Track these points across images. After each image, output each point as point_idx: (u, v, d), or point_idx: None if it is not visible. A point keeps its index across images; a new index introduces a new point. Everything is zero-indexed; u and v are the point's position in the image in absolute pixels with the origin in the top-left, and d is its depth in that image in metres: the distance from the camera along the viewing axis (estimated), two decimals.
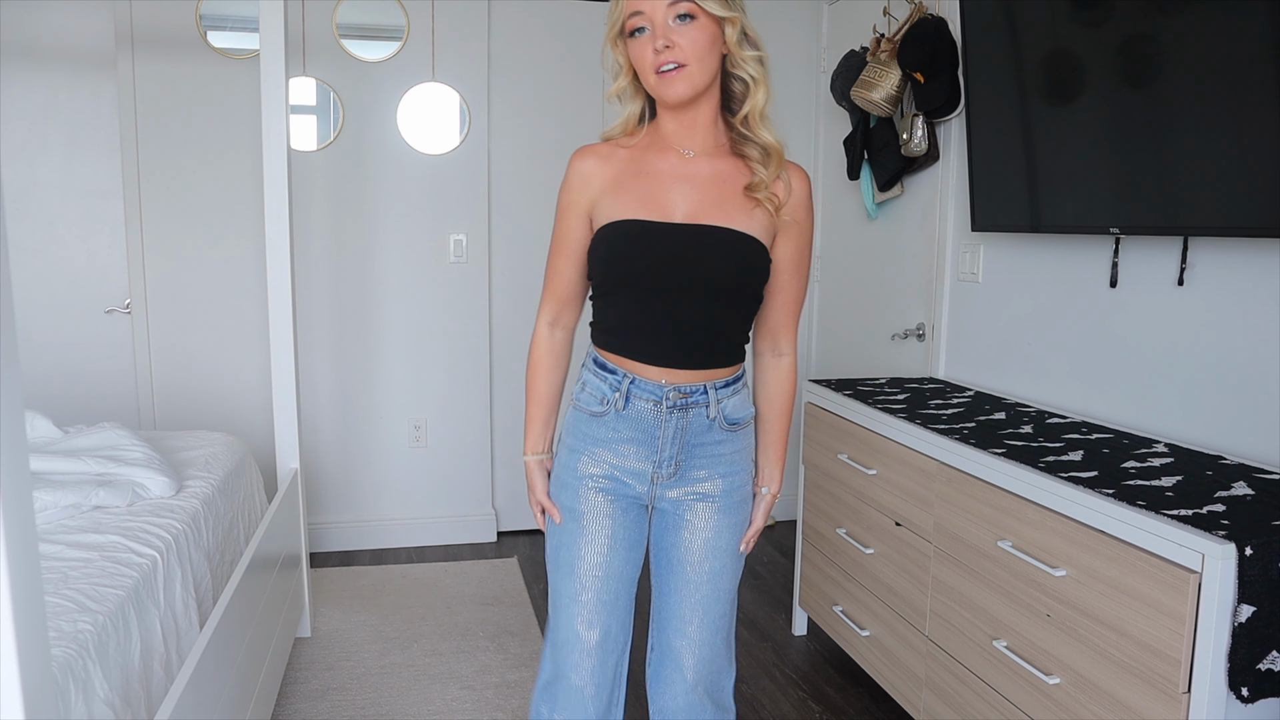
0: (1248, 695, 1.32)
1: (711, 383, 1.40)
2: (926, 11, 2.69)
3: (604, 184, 1.39)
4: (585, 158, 1.41)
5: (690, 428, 1.40)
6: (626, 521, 1.45)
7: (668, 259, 1.33)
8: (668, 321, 1.36)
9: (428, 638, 2.72)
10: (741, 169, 1.39)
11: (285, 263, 2.52)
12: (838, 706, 2.38)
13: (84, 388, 3.37)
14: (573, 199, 1.41)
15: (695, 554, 1.46)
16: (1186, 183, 1.80)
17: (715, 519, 1.45)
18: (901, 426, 2.11)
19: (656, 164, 1.38)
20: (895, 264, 3.10)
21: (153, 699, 1.53)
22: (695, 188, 1.36)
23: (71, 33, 3.23)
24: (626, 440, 1.41)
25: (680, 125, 1.38)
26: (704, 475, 1.44)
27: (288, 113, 2.50)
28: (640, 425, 1.40)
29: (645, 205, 1.35)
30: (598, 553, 1.43)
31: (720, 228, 1.34)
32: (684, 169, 1.37)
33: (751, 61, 1.35)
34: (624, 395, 1.39)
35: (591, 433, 1.43)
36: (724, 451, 1.44)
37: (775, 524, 3.84)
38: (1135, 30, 1.88)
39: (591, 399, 1.43)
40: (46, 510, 1.84)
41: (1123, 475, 1.64)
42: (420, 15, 3.32)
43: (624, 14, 1.32)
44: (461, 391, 3.55)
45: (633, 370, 1.39)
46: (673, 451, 1.41)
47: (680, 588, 1.48)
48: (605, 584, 1.44)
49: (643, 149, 1.40)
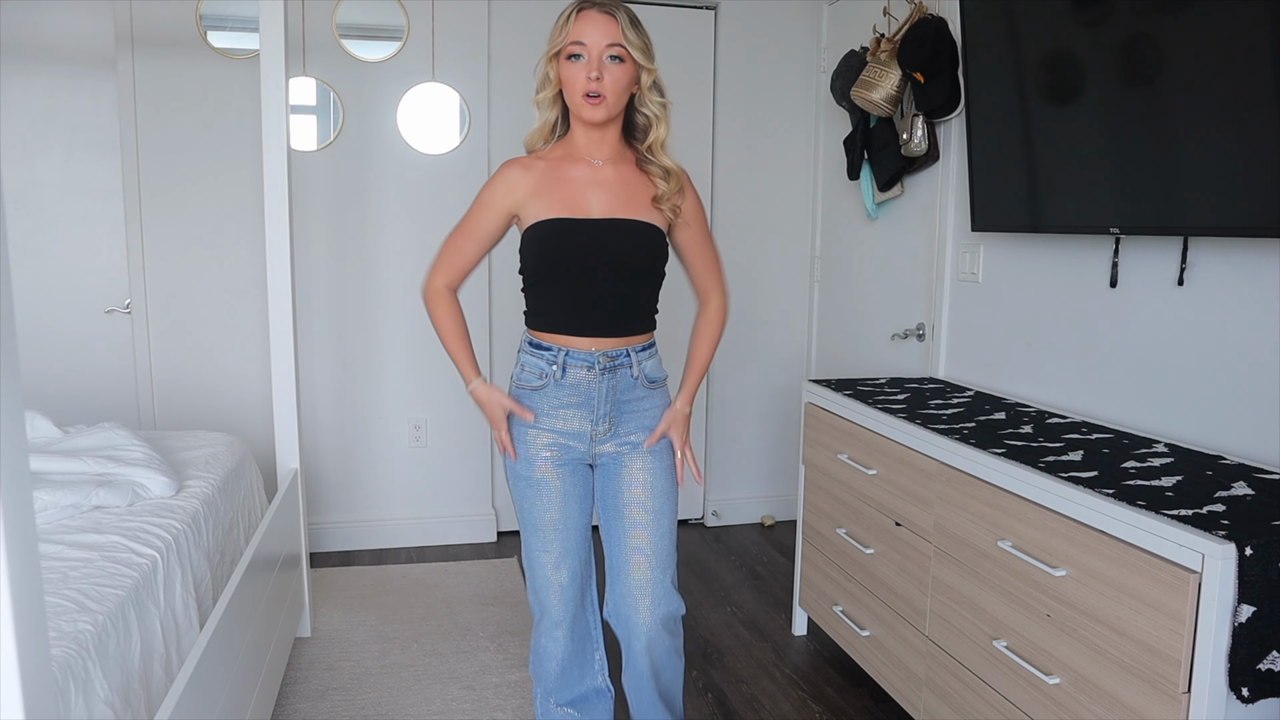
0: (1248, 695, 1.32)
1: (632, 347, 1.70)
2: (926, 11, 2.69)
3: (528, 190, 1.67)
4: (513, 168, 1.70)
5: (619, 386, 1.69)
6: (575, 480, 1.73)
7: (590, 247, 1.63)
8: (594, 298, 1.65)
9: (428, 638, 2.72)
10: (641, 177, 1.70)
11: (285, 263, 2.51)
12: (838, 706, 2.38)
13: (84, 388, 3.37)
14: (495, 198, 1.70)
15: (637, 495, 1.72)
16: (1186, 183, 1.80)
17: (649, 462, 1.73)
18: (901, 426, 2.11)
19: (571, 172, 1.68)
20: (895, 264, 3.10)
21: (153, 699, 1.53)
22: (605, 190, 1.67)
23: (71, 33, 3.23)
24: (567, 405, 1.68)
25: (591, 140, 1.68)
26: (632, 428, 1.72)
27: (288, 113, 2.50)
28: (577, 390, 1.68)
29: (567, 206, 1.65)
30: (555, 509, 1.71)
31: (630, 220, 1.66)
32: (595, 175, 1.67)
33: (655, 104, 1.66)
34: (561, 366, 1.67)
35: (533, 407, 1.70)
36: (647, 407, 1.74)
37: (775, 524, 3.85)
38: (1135, 30, 1.88)
39: (531, 376, 1.71)
40: (46, 510, 1.84)
41: (1123, 475, 1.64)
42: (420, 15, 3.32)
43: (568, 39, 1.58)
44: (461, 391, 3.54)
45: (566, 344, 1.67)
46: (606, 409, 1.69)
47: (629, 530, 1.72)
48: (566, 534, 1.73)
49: (558, 160, 1.69)
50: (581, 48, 1.58)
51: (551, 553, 1.74)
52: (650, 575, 1.72)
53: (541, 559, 1.74)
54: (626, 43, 1.58)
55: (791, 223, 3.75)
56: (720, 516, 3.84)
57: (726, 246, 3.71)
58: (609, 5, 1.59)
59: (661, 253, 1.70)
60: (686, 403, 1.77)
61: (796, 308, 3.81)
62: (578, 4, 1.60)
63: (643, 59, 1.61)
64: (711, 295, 1.83)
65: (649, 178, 1.70)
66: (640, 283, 1.69)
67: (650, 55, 1.62)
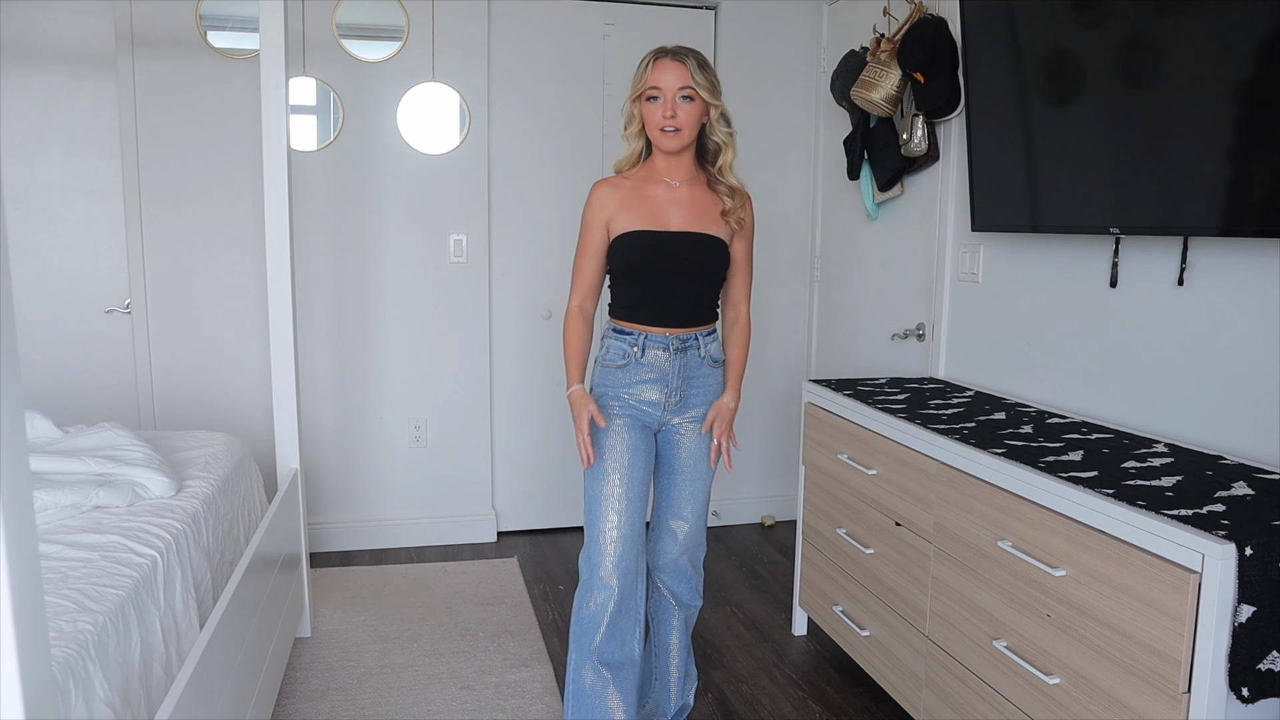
0: (1248, 695, 1.32)
1: (699, 332, 2.02)
2: (926, 11, 2.69)
3: (617, 205, 1.97)
4: (603, 187, 2.00)
5: (689, 364, 2.01)
6: (642, 438, 2.01)
7: (668, 255, 1.95)
8: (670, 294, 1.97)
9: (428, 638, 2.72)
10: (711, 195, 2.01)
11: (285, 263, 2.51)
12: (838, 706, 2.38)
13: (84, 388, 3.37)
14: (595, 216, 1.99)
15: (689, 457, 2.06)
16: (1186, 183, 1.80)
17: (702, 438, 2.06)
18: (901, 426, 2.11)
19: (653, 191, 1.98)
20: (895, 264, 3.10)
21: (153, 699, 1.53)
22: (682, 207, 1.98)
23: (71, 33, 3.23)
24: (644, 381, 1.99)
25: (669, 164, 1.98)
26: (698, 401, 2.04)
27: (288, 113, 2.50)
28: (655, 367, 1.99)
29: (650, 219, 1.96)
30: (625, 452, 1.98)
31: (701, 234, 1.97)
32: (672, 194, 1.98)
33: (723, 133, 1.96)
34: (640, 348, 1.98)
35: (616, 380, 2.00)
36: (711, 383, 2.05)
37: (775, 524, 3.85)
38: (1135, 30, 1.88)
39: (615, 356, 2.01)
40: (46, 510, 1.84)
41: (1123, 475, 1.64)
42: (420, 15, 3.32)
43: (647, 84, 1.90)
44: (461, 391, 3.55)
45: (645, 330, 1.98)
46: (678, 383, 2.00)
47: (680, 482, 2.07)
48: (629, 482, 1.97)
49: (641, 180, 1.99)
50: (658, 90, 1.89)
51: (616, 491, 1.98)
52: (691, 517, 2.08)
53: (606, 496, 1.97)
54: (695, 84, 1.88)
55: (791, 223, 3.75)
56: (720, 516, 3.84)
57: None
58: (680, 53, 1.89)
59: (726, 260, 2.01)
60: (734, 398, 2.06)
61: (796, 308, 3.81)
62: (655, 54, 1.90)
63: (710, 97, 1.90)
64: (742, 306, 2.10)
65: (717, 196, 2.00)
66: (707, 283, 2.00)
67: (717, 92, 1.92)
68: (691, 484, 2.07)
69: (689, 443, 2.06)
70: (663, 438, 2.08)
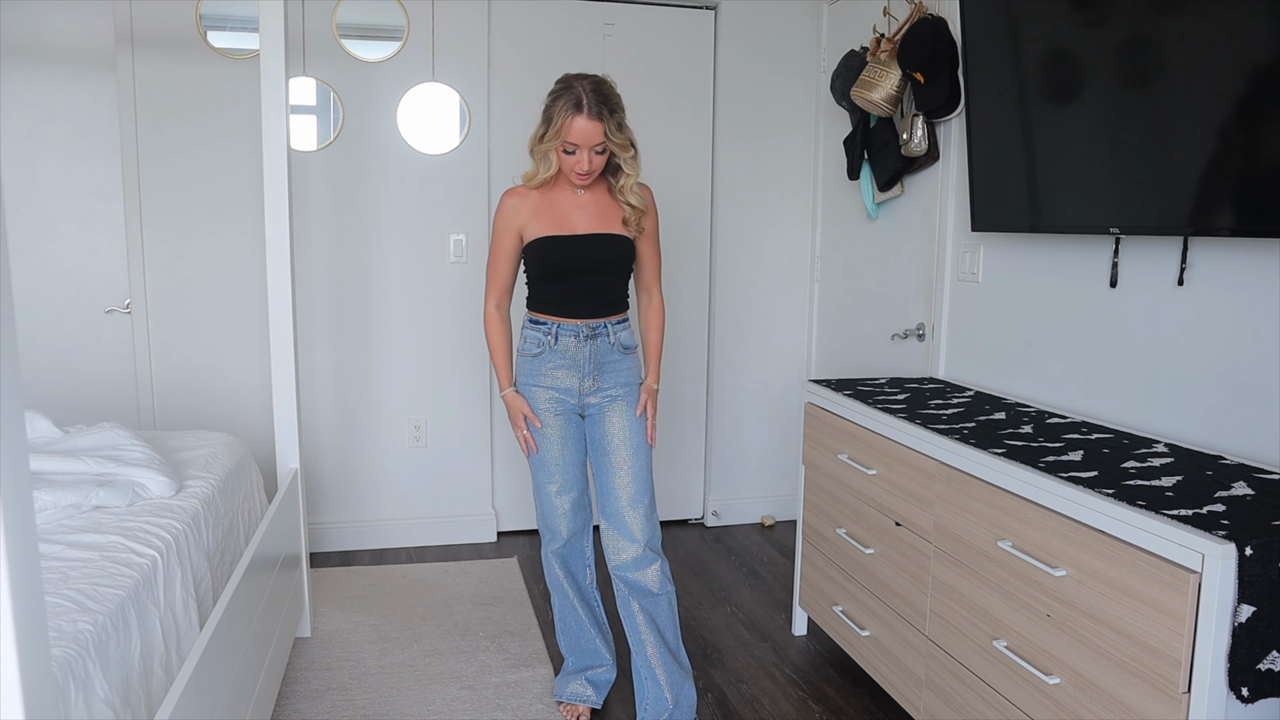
0: (1248, 695, 1.32)
1: (608, 321, 2.18)
2: (926, 11, 2.69)
3: (527, 214, 2.15)
4: (512, 197, 2.16)
5: (599, 350, 2.17)
6: (570, 424, 2.21)
7: (577, 254, 2.13)
8: (580, 290, 2.15)
9: (428, 638, 2.72)
10: (613, 200, 2.17)
11: (285, 263, 2.51)
12: (838, 706, 2.38)
13: (84, 388, 3.37)
14: (506, 225, 2.17)
15: (618, 435, 2.19)
16: (1186, 183, 1.80)
17: (625, 410, 2.20)
18: (901, 426, 2.11)
19: (559, 198, 2.16)
20: (895, 264, 3.10)
21: (153, 699, 1.53)
22: (586, 211, 2.16)
23: (71, 33, 3.23)
24: (559, 366, 2.17)
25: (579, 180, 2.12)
26: (611, 383, 2.20)
27: (288, 113, 2.50)
28: (567, 354, 2.16)
29: (559, 225, 2.14)
30: (557, 446, 2.20)
31: (607, 234, 2.15)
32: (576, 200, 2.16)
33: (628, 160, 2.11)
34: (554, 336, 2.16)
35: (534, 368, 2.19)
36: (623, 367, 2.21)
37: (774, 524, 3.85)
38: (1135, 30, 1.88)
39: (531, 345, 2.19)
40: (46, 510, 1.84)
41: (1123, 475, 1.64)
42: (420, 15, 3.32)
43: (564, 139, 2.03)
44: (461, 391, 3.55)
45: (558, 320, 2.16)
46: (591, 368, 2.17)
47: (615, 463, 2.18)
48: (565, 466, 2.21)
49: (548, 189, 2.17)
50: (574, 146, 2.03)
51: (555, 482, 2.21)
52: (633, 495, 2.17)
53: (548, 489, 2.22)
54: (609, 140, 2.03)
55: (791, 223, 3.75)
56: (720, 516, 3.83)
57: (726, 246, 3.72)
58: (596, 111, 1.99)
59: (631, 256, 2.20)
60: (655, 379, 2.25)
61: (796, 308, 3.81)
62: (573, 108, 1.99)
63: (619, 149, 2.06)
64: (654, 291, 2.30)
65: (619, 203, 2.17)
66: (614, 278, 2.18)
67: (626, 134, 2.07)
68: (625, 457, 2.18)
69: (613, 417, 2.20)
70: (590, 424, 2.23)
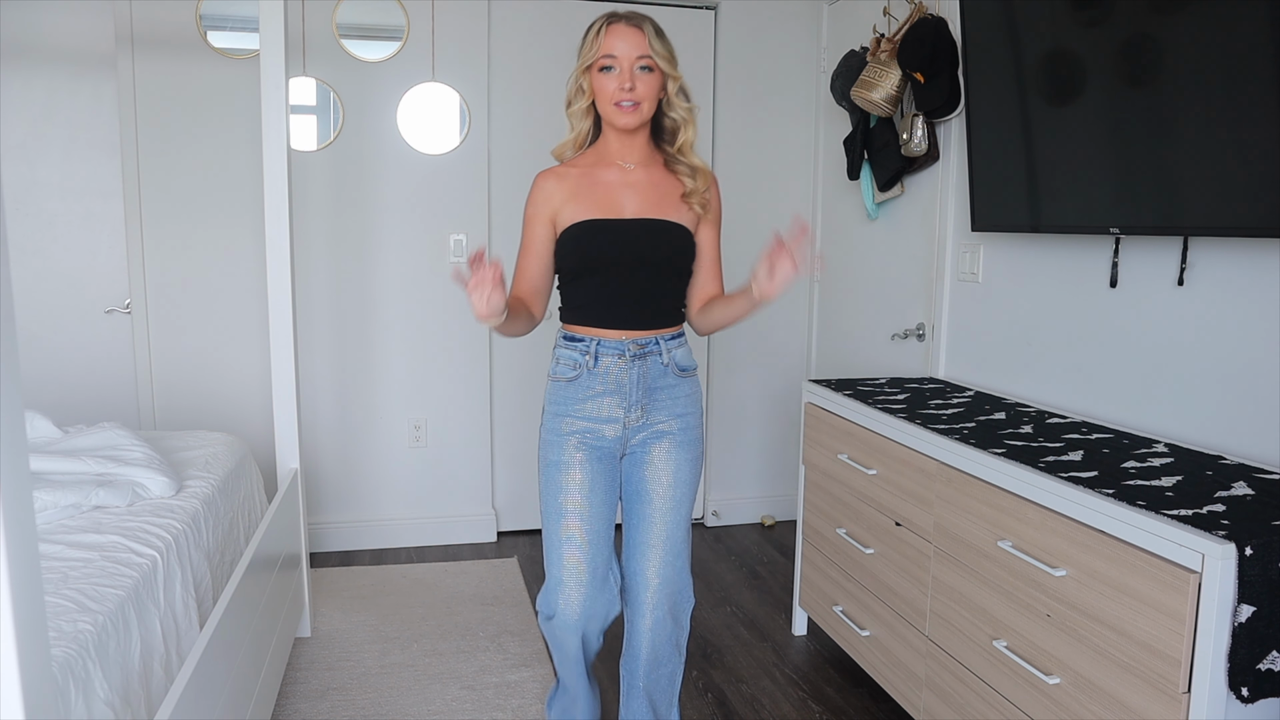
0: (1248, 695, 1.32)
1: (661, 336, 1.77)
2: (926, 11, 2.69)
3: (563, 197, 1.74)
4: (547, 179, 1.77)
5: (650, 372, 1.75)
6: (602, 469, 1.76)
7: (623, 244, 1.71)
8: (625, 292, 1.73)
9: (428, 638, 2.72)
10: (670, 178, 1.79)
11: (285, 263, 2.51)
12: (838, 706, 2.38)
13: (84, 388, 3.37)
14: (538, 210, 1.77)
15: (661, 484, 1.78)
16: (1186, 183, 1.80)
17: (675, 454, 1.79)
18: (901, 426, 2.11)
19: (604, 176, 1.75)
20: (895, 264, 3.10)
21: (153, 699, 1.53)
22: (637, 192, 1.75)
23: (71, 33, 3.23)
24: (600, 394, 1.74)
25: (623, 145, 1.76)
26: (664, 415, 1.78)
27: (288, 113, 2.50)
28: (609, 377, 1.74)
29: (601, 207, 1.73)
30: (581, 494, 1.74)
31: (661, 220, 1.74)
32: (626, 178, 1.76)
33: (683, 109, 1.75)
34: (593, 356, 1.73)
35: (569, 395, 1.76)
36: (679, 394, 1.80)
37: (775, 524, 3.85)
38: (1135, 30, 1.88)
39: (565, 368, 1.76)
40: (46, 510, 1.84)
41: (1123, 475, 1.64)
42: (420, 15, 3.32)
43: (600, 52, 1.67)
44: (461, 391, 3.55)
45: (598, 335, 1.74)
46: (638, 395, 1.75)
47: (649, 516, 1.78)
48: (588, 522, 1.74)
49: (590, 165, 1.77)
50: (613, 60, 1.67)
51: (573, 542, 1.73)
52: (663, 558, 1.80)
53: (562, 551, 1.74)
54: (654, 53, 1.68)
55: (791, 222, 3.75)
56: (720, 516, 3.83)
57: (726, 246, 3.70)
58: (636, 18, 1.69)
59: (689, 249, 1.78)
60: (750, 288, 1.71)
61: (796, 308, 3.81)
62: (606, 18, 1.70)
63: (669, 68, 1.70)
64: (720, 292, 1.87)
65: (677, 177, 1.79)
66: (669, 277, 1.77)
67: (675, 63, 1.72)
68: (665, 515, 1.78)
69: (657, 458, 1.78)
70: (628, 464, 1.80)
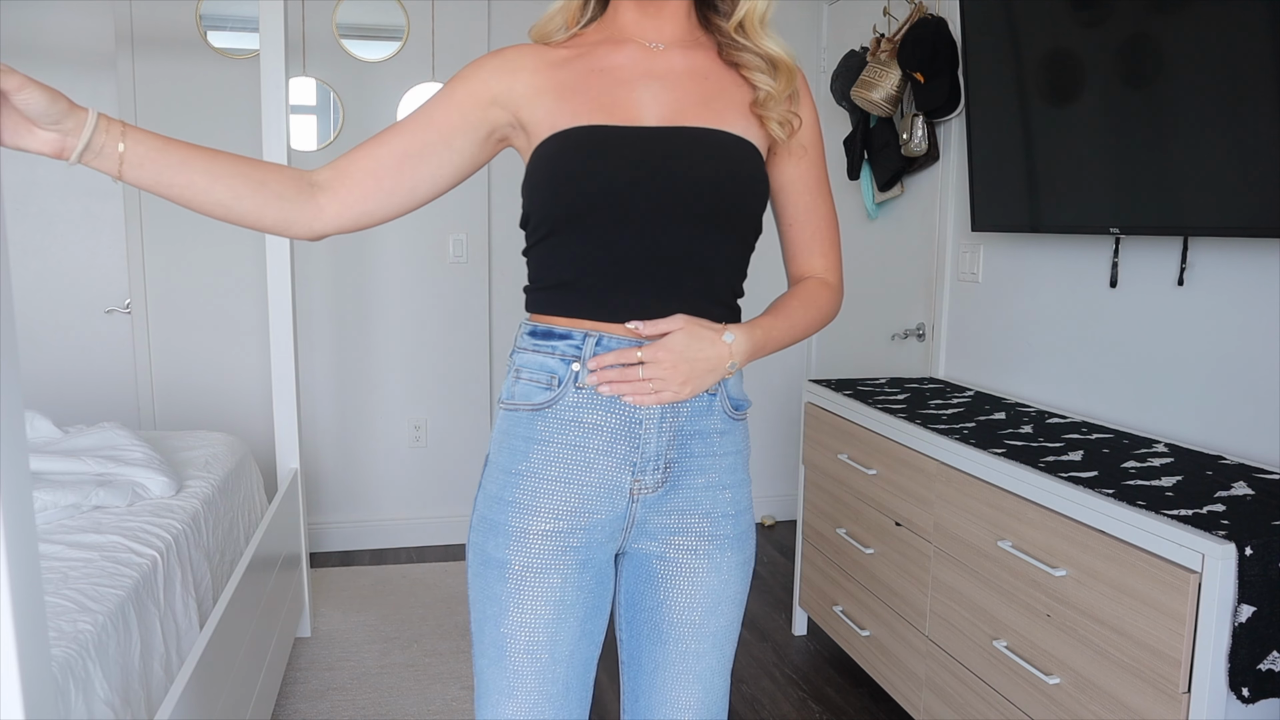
0: (1248, 695, 1.32)
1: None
2: (926, 11, 2.69)
3: (539, 85, 1.02)
4: (520, 51, 1.05)
5: (684, 406, 0.99)
6: (583, 580, 1.00)
7: (639, 174, 0.97)
8: (642, 259, 0.98)
9: (428, 638, 2.72)
10: (729, 74, 1.06)
11: (285, 263, 2.52)
12: (838, 706, 2.38)
13: (84, 388, 3.37)
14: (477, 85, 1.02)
15: (697, 611, 1.04)
16: (1186, 183, 1.80)
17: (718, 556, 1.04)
18: (901, 426, 2.11)
19: (612, 58, 1.03)
20: (895, 264, 3.10)
21: (153, 699, 1.53)
22: (669, 85, 1.02)
23: (71, 33, 3.23)
24: (590, 432, 0.98)
25: (645, 13, 1.03)
26: (701, 485, 1.02)
27: (288, 113, 2.50)
28: (611, 406, 0.98)
29: (603, 108, 1.00)
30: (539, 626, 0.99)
31: (707, 129, 1.00)
32: (651, 63, 1.03)
33: None
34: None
35: (534, 436, 1.00)
36: (727, 449, 1.04)
37: (775, 524, 3.85)
38: (1135, 30, 1.88)
39: (531, 387, 1.00)
40: (46, 510, 1.84)
41: (1123, 475, 1.64)
42: (420, 15, 3.32)
43: None
44: (461, 391, 3.55)
45: (597, 329, 0.99)
46: (660, 445, 0.99)
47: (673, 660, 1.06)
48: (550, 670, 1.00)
49: (591, 44, 1.05)
50: None
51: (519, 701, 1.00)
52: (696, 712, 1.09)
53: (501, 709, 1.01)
54: None
55: None
56: None
57: None
58: None
59: (760, 185, 1.04)
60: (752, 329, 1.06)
61: None
62: None
63: None
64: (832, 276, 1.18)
65: (738, 73, 1.06)
66: (718, 232, 1.01)
67: None
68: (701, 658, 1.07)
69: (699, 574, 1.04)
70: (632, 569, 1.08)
